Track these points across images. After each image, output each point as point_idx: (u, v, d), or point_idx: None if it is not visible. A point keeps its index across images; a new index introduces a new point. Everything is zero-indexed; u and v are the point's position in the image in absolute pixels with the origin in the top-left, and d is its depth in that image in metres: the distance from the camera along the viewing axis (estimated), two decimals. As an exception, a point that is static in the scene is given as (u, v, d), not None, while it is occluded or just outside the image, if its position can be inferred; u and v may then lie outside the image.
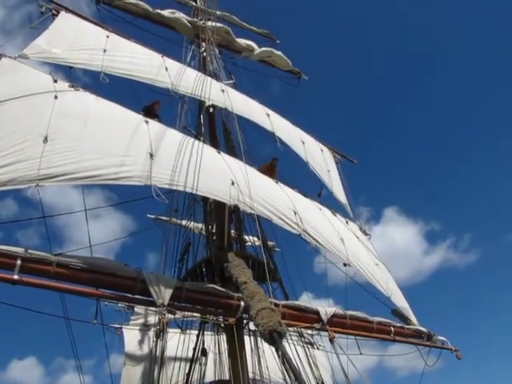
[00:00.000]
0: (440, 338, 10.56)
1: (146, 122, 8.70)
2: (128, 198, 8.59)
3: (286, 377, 6.79)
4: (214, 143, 11.27)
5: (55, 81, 8.39)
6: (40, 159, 6.70)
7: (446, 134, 52.65)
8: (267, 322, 5.02)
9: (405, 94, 54.39)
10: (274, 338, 4.86)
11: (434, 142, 53.24)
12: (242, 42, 15.45)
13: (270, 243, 11.32)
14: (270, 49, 15.99)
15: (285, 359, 4.70)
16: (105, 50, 9.85)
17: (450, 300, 48.76)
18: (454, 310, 46.72)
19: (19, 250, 6.23)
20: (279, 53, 16.05)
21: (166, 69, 10.64)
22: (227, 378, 9.70)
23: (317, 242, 9.42)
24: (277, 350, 4.94)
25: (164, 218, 13.67)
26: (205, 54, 13.86)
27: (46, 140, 7.02)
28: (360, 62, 55.84)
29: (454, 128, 51.95)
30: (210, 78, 11.45)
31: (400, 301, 11.11)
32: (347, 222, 12.17)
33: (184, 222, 12.17)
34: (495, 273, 46.74)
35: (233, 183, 8.60)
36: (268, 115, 12.24)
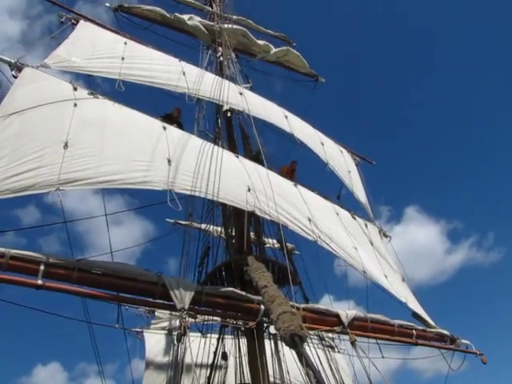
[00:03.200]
0: (464, 341, 10.34)
1: (164, 127, 8.78)
2: (147, 203, 8.66)
3: (308, 381, 6.74)
4: (232, 147, 11.30)
5: (75, 89, 8.55)
6: (61, 164, 6.83)
7: (468, 131, 51.92)
8: (288, 326, 4.98)
9: (425, 93, 53.82)
10: (296, 342, 4.82)
11: (455, 139, 52.55)
12: (260, 42, 15.43)
13: (289, 245, 11.27)
14: (286, 47, 15.93)
15: (307, 363, 4.66)
16: (123, 58, 9.99)
17: (475, 300, 47.93)
18: (479, 309, 45.90)
19: (42, 255, 6.33)
20: (296, 52, 15.97)
21: (184, 74, 10.73)
22: (248, 381, 9.69)
23: (332, 249, 9.36)
24: (298, 354, 4.92)
25: (183, 222, 13.76)
26: (221, 58, 13.92)
27: (66, 146, 7.18)
28: (376, 63, 55.48)
29: (475, 125, 51.20)
30: (227, 82, 11.49)
31: (416, 308, 10.93)
32: (366, 226, 12.03)
33: (203, 226, 12.22)
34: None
35: (249, 189, 8.61)
36: (286, 117, 12.23)
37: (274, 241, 11.59)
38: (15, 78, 8.34)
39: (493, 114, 49.61)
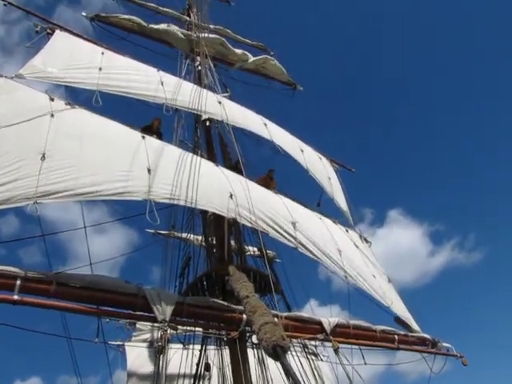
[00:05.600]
0: (445, 344, 10.50)
1: (143, 137, 8.72)
2: (133, 212, 8.56)
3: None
4: (212, 156, 11.29)
5: (52, 99, 8.41)
6: (38, 176, 6.71)
7: (448, 134, 52.87)
8: (270, 337, 4.97)
9: (403, 94, 54.71)
10: (278, 353, 4.81)
11: (435, 142, 53.51)
12: (237, 51, 15.48)
13: (270, 253, 11.27)
14: (264, 56, 16.01)
15: (289, 374, 4.64)
16: (100, 68, 9.87)
17: (457, 301, 48.75)
18: (461, 311, 46.61)
19: (19, 270, 6.20)
20: (274, 60, 16.06)
21: (162, 83, 10.66)
22: (231, 392, 9.61)
23: (313, 254, 9.37)
24: (281, 365, 4.90)
25: (163, 232, 13.67)
26: (200, 67, 13.92)
27: (43, 157, 7.04)
28: (352, 71, 56.23)
29: (456, 128, 52.19)
30: (206, 91, 11.48)
31: (401, 310, 11.04)
32: (347, 231, 12.13)
33: (184, 235, 12.15)
34: (502, 270, 46.74)
35: (231, 196, 8.59)
36: (265, 125, 12.25)
37: (255, 248, 11.58)
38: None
39: (474, 116, 50.71)
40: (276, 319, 6.16)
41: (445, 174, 52.79)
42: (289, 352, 6.05)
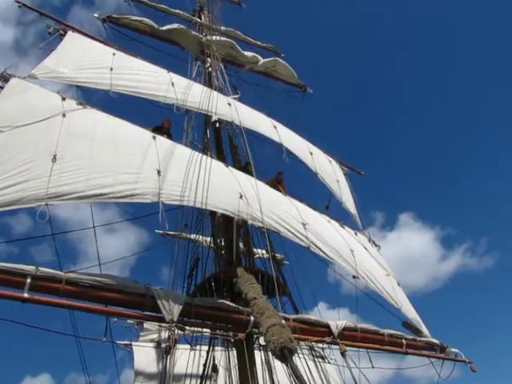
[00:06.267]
0: (453, 350, 10.43)
1: (154, 137, 8.75)
2: (143, 212, 8.62)
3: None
4: (221, 158, 11.30)
5: (63, 99, 8.48)
6: (49, 178, 6.75)
7: (461, 136, 52.51)
8: (278, 339, 4.97)
9: (416, 96, 54.43)
10: (285, 355, 4.81)
11: (447, 145, 53.15)
12: (248, 53, 15.50)
13: (278, 256, 11.28)
14: (274, 58, 16.02)
15: (296, 376, 4.64)
16: (111, 69, 9.95)
17: (467, 306, 48.28)
18: (471, 316, 46.16)
19: (29, 268, 6.26)
20: (284, 62, 16.06)
21: (173, 84, 10.72)
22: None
23: (325, 254, 9.37)
24: (288, 367, 4.91)
25: (171, 233, 13.72)
26: (210, 69, 13.97)
27: (54, 159, 7.09)
28: (363, 73, 56.11)
29: (470, 130, 51.81)
30: (216, 93, 11.51)
31: (411, 312, 11.00)
32: (356, 234, 12.11)
33: (193, 237, 12.19)
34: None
35: (241, 197, 8.61)
36: (275, 127, 12.25)
37: (264, 251, 11.58)
38: (1, 88, 8.26)
39: (487, 118, 50.27)
40: (284, 321, 6.16)
41: (458, 178, 52.50)
42: (296, 354, 6.05)
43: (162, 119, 10.90)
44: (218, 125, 11.72)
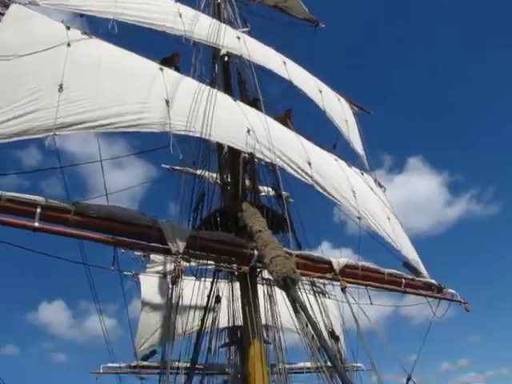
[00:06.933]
0: (450, 290, 10.71)
1: (161, 69, 8.57)
2: (150, 147, 8.59)
3: (296, 322, 6.91)
4: (229, 92, 11.09)
5: (68, 28, 8.21)
6: (56, 108, 6.70)
7: (476, 82, 51.14)
8: (281, 269, 5.10)
9: (430, 38, 52.69)
10: (288, 284, 4.95)
11: (461, 90, 51.92)
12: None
13: (284, 193, 11.35)
14: (285, -8, 15.34)
15: (298, 304, 4.79)
16: (117, -3, 9.59)
17: (468, 252, 49.06)
18: (471, 261, 46.99)
19: (39, 198, 6.39)
20: (296, -4, 15.40)
21: (180, 15, 10.35)
22: (240, 324, 10.00)
23: (328, 193, 9.41)
24: (288, 297, 5.05)
25: (178, 168, 13.78)
26: (219, 0, 13.45)
27: (61, 89, 6.97)
28: (377, 9, 53.97)
29: (483, 75, 50.41)
30: (224, 25, 11.17)
31: (411, 254, 11.19)
32: (362, 174, 12.09)
33: (199, 172, 12.24)
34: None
35: (248, 131, 8.54)
36: (284, 63, 11.95)
37: (269, 188, 11.67)
38: (2, 15, 7.98)
39: (504, 63, 48.75)
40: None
41: (470, 124, 51.56)
42: (298, 287, 6.22)
43: (169, 51, 10.62)
44: (226, 59, 11.44)
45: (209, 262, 8.91)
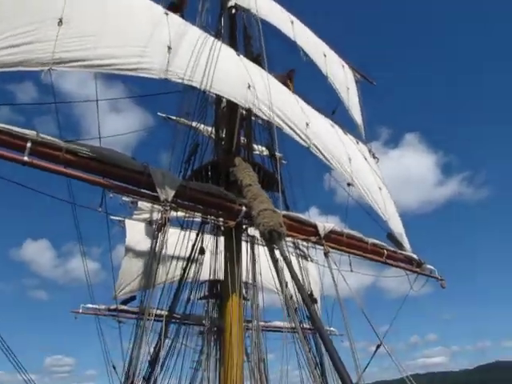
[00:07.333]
0: (429, 266, 10.94)
1: (166, 13, 8.34)
2: (148, 92, 8.44)
3: (276, 279, 6.97)
4: (233, 46, 10.87)
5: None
6: (55, 42, 6.49)
7: (482, 63, 50.51)
8: (268, 222, 5.16)
9: (438, 15, 51.66)
10: (274, 238, 5.01)
11: (469, 71, 51.26)
12: None
13: (278, 155, 11.35)
14: None
15: (282, 257, 4.84)
16: None
17: (453, 232, 49.69)
18: (455, 242, 47.70)
19: (31, 132, 6.33)
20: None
21: (190, -39, 10.01)
22: (222, 278, 10.16)
23: (324, 157, 9.43)
24: (271, 252, 5.11)
25: (174, 117, 13.65)
26: None
27: (60, 22, 6.72)
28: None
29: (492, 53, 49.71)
30: (233, -26, 10.81)
31: (397, 226, 11.34)
32: (357, 143, 12.07)
33: (194, 124, 12.14)
34: (505, 211, 47.11)
35: (249, 87, 8.45)
36: (292, 22, 11.70)
37: (263, 148, 11.64)
38: None
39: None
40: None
41: (472, 108, 51.22)
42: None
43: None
44: (233, 11, 11.14)
45: (196, 213, 8.95)
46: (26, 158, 6.20)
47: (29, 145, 6.23)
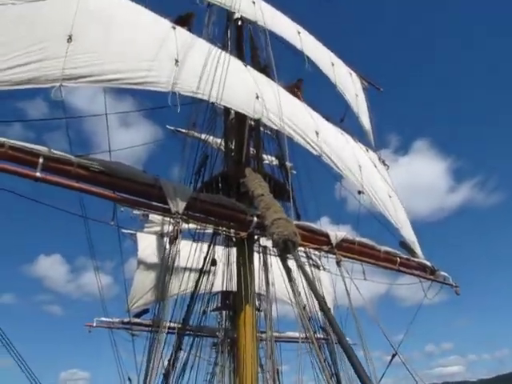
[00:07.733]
0: (443, 273, 10.82)
1: (174, 28, 8.42)
2: (157, 106, 8.48)
3: (289, 289, 6.92)
4: (241, 57, 10.94)
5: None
6: (64, 59, 6.57)
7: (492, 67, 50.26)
8: (282, 231, 5.13)
9: (445, 19, 51.60)
10: (288, 247, 4.97)
11: (477, 75, 51.04)
12: None
13: (287, 164, 11.34)
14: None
15: (298, 265, 4.79)
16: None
17: (466, 239, 49.13)
18: (468, 248, 47.16)
19: (43, 148, 6.37)
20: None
21: (196, -25, 10.10)
22: (234, 289, 10.12)
23: (335, 165, 9.41)
24: (285, 262, 5.07)
25: (183, 130, 13.71)
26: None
27: (70, 39, 6.81)
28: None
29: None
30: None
31: (409, 234, 11.26)
32: (367, 150, 12.05)
33: (203, 136, 12.19)
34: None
35: (257, 97, 8.47)
36: (299, 33, 11.77)
37: (273, 158, 11.65)
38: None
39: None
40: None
41: (483, 113, 50.90)
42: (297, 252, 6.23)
43: (181, 11, 10.36)
44: (240, 23, 11.22)
45: (207, 225, 8.96)
46: (38, 174, 6.23)
47: (41, 160, 6.27)
